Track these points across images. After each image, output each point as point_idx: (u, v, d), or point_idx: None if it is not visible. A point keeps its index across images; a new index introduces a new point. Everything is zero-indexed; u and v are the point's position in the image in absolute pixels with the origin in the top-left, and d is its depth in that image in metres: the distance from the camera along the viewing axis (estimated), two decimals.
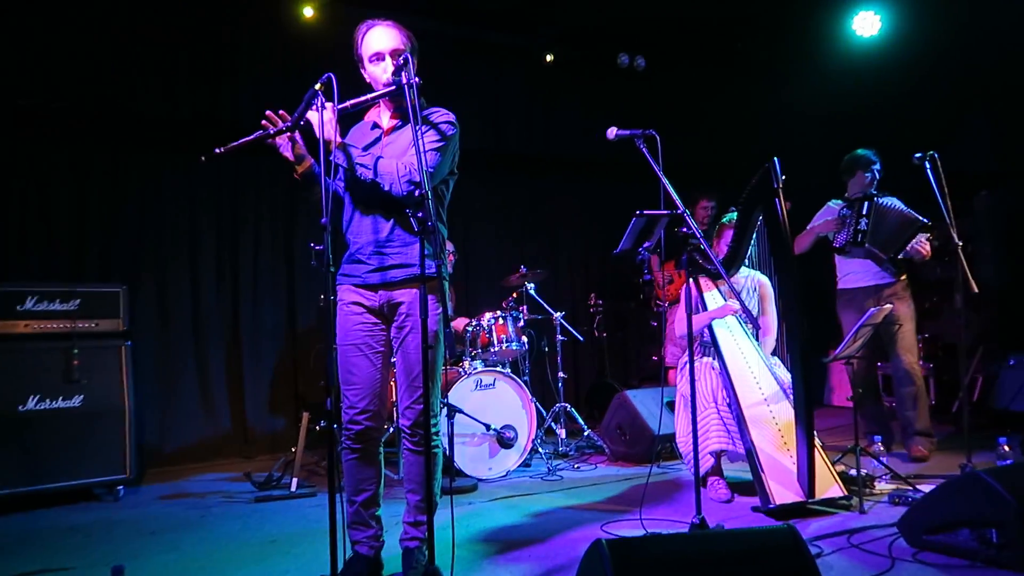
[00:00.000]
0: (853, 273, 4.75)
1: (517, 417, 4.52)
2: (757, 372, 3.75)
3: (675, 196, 2.91)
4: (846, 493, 3.39)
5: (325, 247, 2.23)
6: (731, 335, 3.89)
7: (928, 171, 4.16)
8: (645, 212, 2.93)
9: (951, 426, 5.45)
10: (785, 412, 3.58)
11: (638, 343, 7.00)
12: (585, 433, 5.13)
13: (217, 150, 2.47)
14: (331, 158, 2.52)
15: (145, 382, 5.17)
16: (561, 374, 5.18)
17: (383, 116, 2.72)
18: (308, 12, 5.24)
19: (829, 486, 3.40)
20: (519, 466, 4.54)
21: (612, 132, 3.13)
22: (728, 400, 3.69)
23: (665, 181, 2.93)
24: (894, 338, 4.55)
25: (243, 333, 5.52)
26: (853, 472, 3.55)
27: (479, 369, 4.48)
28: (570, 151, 6.48)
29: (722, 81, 6.85)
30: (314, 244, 2.25)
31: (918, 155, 4.28)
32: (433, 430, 2.64)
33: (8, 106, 4.65)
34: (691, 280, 4.10)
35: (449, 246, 5.51)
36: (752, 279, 4.10)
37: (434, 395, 2.64)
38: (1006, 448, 3.73)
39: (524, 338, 4.86)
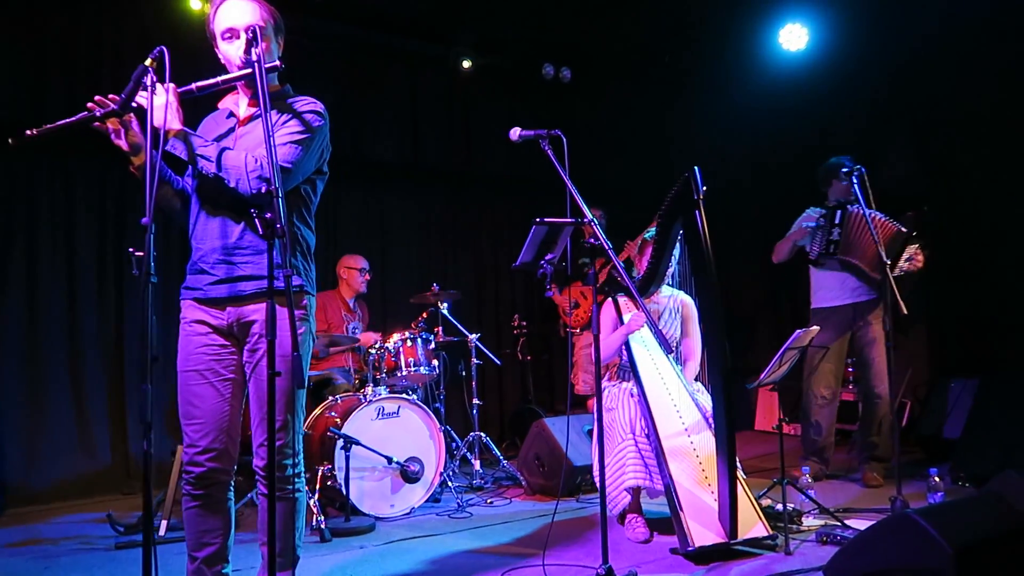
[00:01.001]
0: (827, 289, 4.50)
1: (424, 448, 4.13)
2: (678, 399, 3.46)
3: (582, 203, 2.60)
4: (771, 532, 3.10)
5: (146, 252, 1.83)
6: (650, 358, 3.59)
7: (855, 187, 3.98)
8: (546, 219, 2.61)
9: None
10: (707, 443, 3.28)
11: (564, 368, 6.69)
12: (502, 463, 4.76)
13: (28, 132, 2.06)
14: (168, 148, 2.12)
15: (10, 408, 4.63)
16: (476, 400, 4.81)
17: (240, 104, 2.34)
18: (196, 4, 4.80)
19: (753, 524, 3.11)
20: (426, 502, 4.14)
21: (515, 133, 2.83)
22: (647, 431, 3.38)
23: (571, 186, 2.63)
24: (869, 361, 4.33)
25: (127, 354, 5.00)
26: (779, 507, 3.28)
27: (382, 396, 4.08)
28: (492, 165, 6.17)
29: (648, 95, 6.65)
30: (133, 249, 1.82)
31: (844, 170, 4.11)
32: (293, 471, 2.26)
33: None
34: (612, 299, 3.88)
35: (362, 262, 5.13)
36: (675, 299, 3.83)
37: (294, 430, 2.25)
38: (936, 479, 3.52)
39: (435, 362, 4.48)
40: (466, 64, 5.76)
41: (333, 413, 4.12)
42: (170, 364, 2.23)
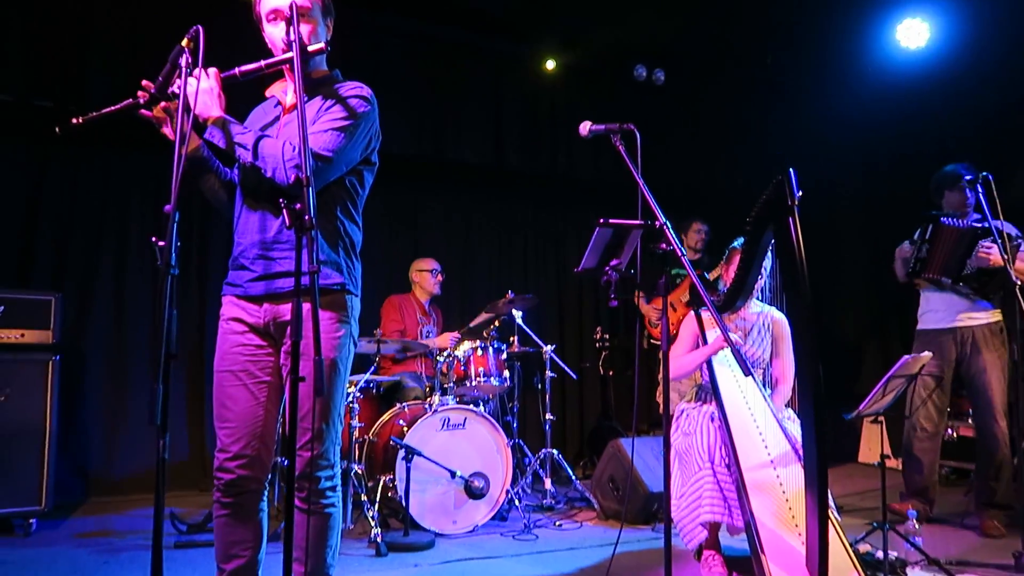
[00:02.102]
0: (933, 312, 4.08)
1: (490, 463, 3.93)
2: (764, 427, 3.11)
3: (655, 204, 2.34)
4: None
5: (168, 242, 1.71)
6: (735, 379, 3.26)
7: (981, 196, 3.52)
8: (611, 220, 2.36)
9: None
10: (795, 478, 2.92)
11: (649, 384, 6.36)
12: (574, 484, 4.50)
13: (74, 120, 2.00)
14: (206, 136, 2.02)
15: (92, 401, 4.74)
16: (549, 415, 4.57)
17: (288, 91, 2.21)
18: None
19: (846, 573, 2.73)
20: (491, 519, 3.94)
21: (585, 127, 2.60)
22: (727, 460, 3.06)
23: (643, 185, 2.37)
24: (979, 392, 3.86)
25: (208, 347, 5.04)
26: (879, 554, 2.90)
27: (449, 406, 3.91)
28: (579, 169, 5.92)
29: (749, 97, 6.24)
30: (156, 239, 1.70)
31: (969, 176, 3.66)
32: (328, 484, 2.10)
33: None
34: (694, 313, 3.58)
35: (433, 264, 5.00)
36: (765, 316, 3.49)
37: (330, 439, 2.09)
38: None
39: (506, 372, 4.28)
40: (552, 65, 5.54)
41: (401, 421, 3.98)
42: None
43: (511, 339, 4.66)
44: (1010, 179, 5.05)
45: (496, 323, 4.50)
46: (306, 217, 1.73)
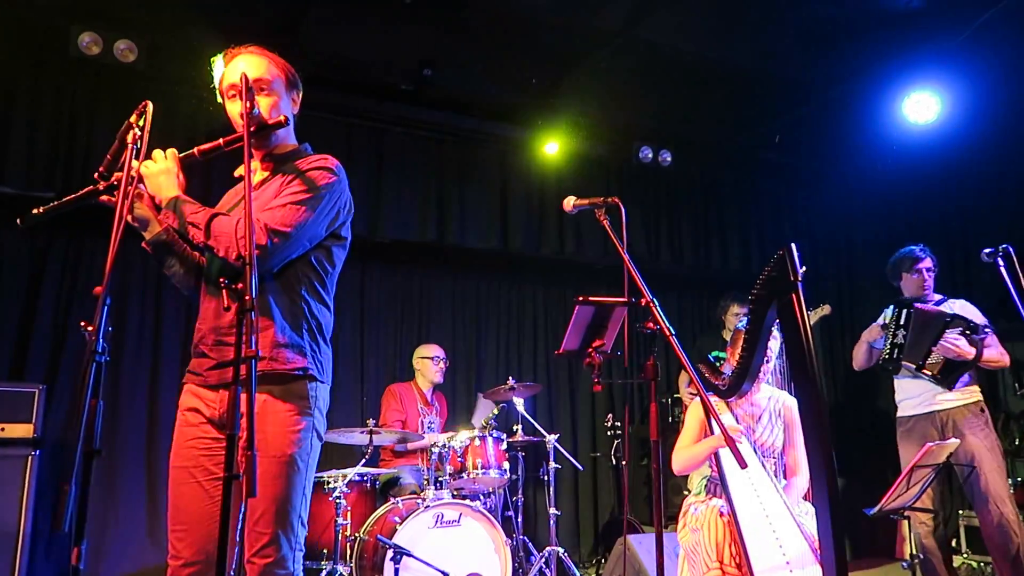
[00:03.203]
0: (909, 398, 3.94)
1: (488, 564, 3.66)
2: (778, 524, 2.84)
3: (640, 280, 2.19)
4: None
5: (96, 326, 1.59)
6: (745, 471, 3.01)
7: (1002, 268, 3.33)
8: (591, 298, 2.21)
9: None
10: None
11: (668, 475, 6.03)
12: None
13: (35, 211, 1.93)
14: (161, 216, 1.94)
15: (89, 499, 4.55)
16: (553, 510, 4.30)
17: (256, 169, 2.13)
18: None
19: None
20: None
21: (569, 203, 2.51)
22: (738, 559, 2.78)
23: (628, 260, 2.23)
24: (974, 481, 3.58)
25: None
26: None
27: (442, 501, 3.67)
28: (588, 252, 5.81)
29: (758, 177, 6.16)
30: (85, 323, 1.57)
31: (988, 250, 3.47)
32: None
33: None
34: (700, 400, 3.36)
35: (436, 351, 4.86)
36: (776, 401, 3.27)
37: (288, 546, 1.89)
38: None
39: (506, 464, 4.04)
40: (555, 149, 5.51)
41: (395, 518, 3.74)
42: None
43: (515, 428, 4.44)
44: None
45: (495, 411, 4.28)
46: (247, 297, 1.60)
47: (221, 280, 1.63)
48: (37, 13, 4.16)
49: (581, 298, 2.22)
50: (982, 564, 4.84)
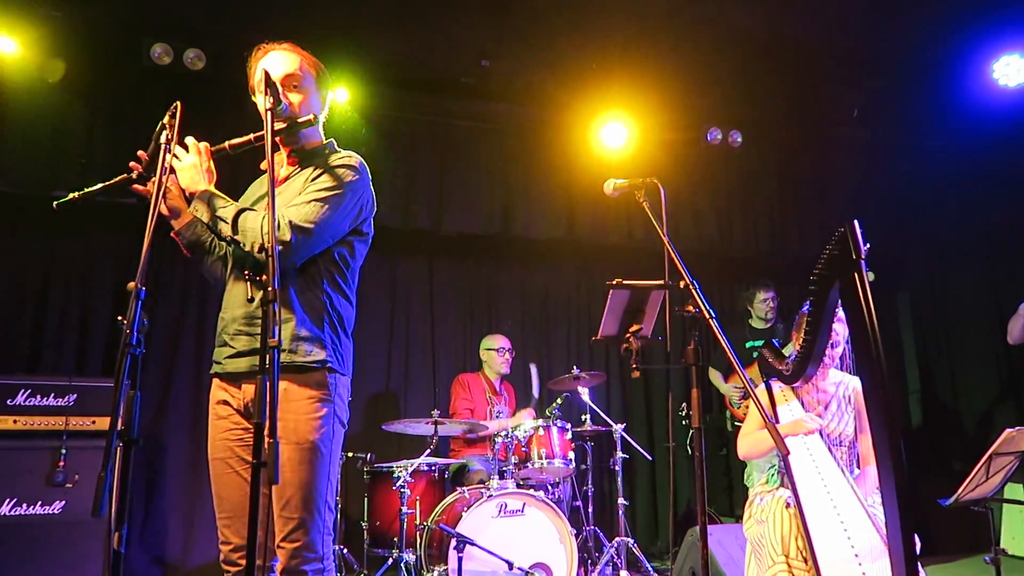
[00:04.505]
0: None
1: (552, 554, 3.64)
2: (847, 515, 2.70)
3: (680, 262, 2.11)
4: None
5: (130, 319, 1.65)
6: (812, 461, 2.87)
7: None
8: (625, 282, 2.14)
9: None
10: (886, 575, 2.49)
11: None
12: None
13: (73, 196, 2.02)
14: (191, 209, 2.00)
15: (171, 490, 4.80)
16: (622, 500, 4.23)
17: (283, 164, 2.17)
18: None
19: None
20: None
21: (609, 186, 2.42)
22: (805, 552, 2.66)
23: (668, 242, 2.15)
24: None
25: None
26: None
27: (506, 490, 3.67)
28: (653, 238, 5.66)
29: (835, 152, 5.85)
30: (122, 317, 1.64)
31: None
32: None
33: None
34: (765, 385, 3.23)
35: (502, 342, 4.86)
36: (846, 387, 3.11)
37: (316, 530, 1.92)
38: None
39: (571, 454, 4.00)
40: (620, 134, 5.39)
41: (461, 507, 3.77)
42: None
43: (583, 417, 4.40)
44: None
45: (559, 401, 4.24)
46: (269, 289, 1.63)
47: (246, 272, 1.66)
48: (112, 27, 4.39)
49: (616, 281, 2.15)
50: None
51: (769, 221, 5.91)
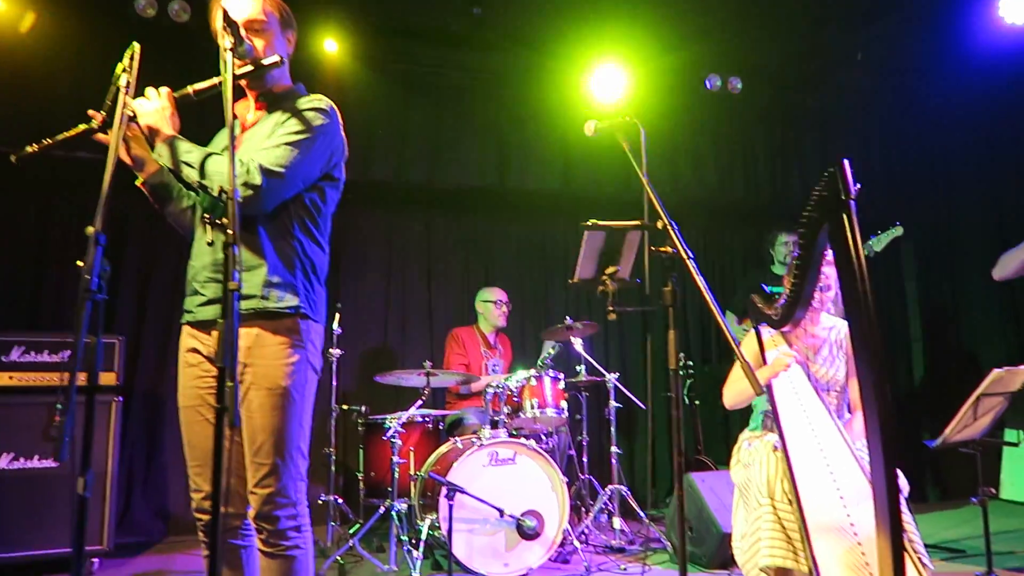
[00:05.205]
0: None
1: (544, 501, 3.66)
2: (833, 459, 2.69)
3: (659, 203, 2.06)
4: None
5: (88, 264, 1.63)
6: (799, 404, 2.86)
7: None
8: (600, 223, 2.10)
9: None
10: (872, 519, 2.48)
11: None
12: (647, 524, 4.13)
13: (29, 148, 1.98)
14: (155, 155, 1.96)
15: (172, 443, 4.85)
16: (615, 449, 4.24)
17: (250, 109, 2.12)
18: None
19: None
20: (549, 562, 3.65)
21: (590, 126, 2.36)
22: (791, 495, 2.65)
23: (647, 182, 2.10)
24: None
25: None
26: None
27: (498, 439, 3.68)
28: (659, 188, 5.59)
29: (835, 97, 5.72)
30: (81, 263, 1.62)
31: None
32: (290, 524, 1.93)
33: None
34: (754, 330, 3.20)
35: (499, 294, 4.84)
36: (838, 331, 3.07)
37: (288, 475, 1.92)
38: None
39: (563, 403, 4.00)
40: (616, 82, 5.26)
41: (454, 457, 3.79)
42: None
43: (577, 368, 4.39)
44: None
45: (552, 350, 4.23)
46: (229, 231, 1.60)
47: (205, 216, 1.63)
48: None
49: (591, 222, 2.11)
50: None
51: (771, 169, 5.82)
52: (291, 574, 1.92)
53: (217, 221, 1.75)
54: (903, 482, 2.77)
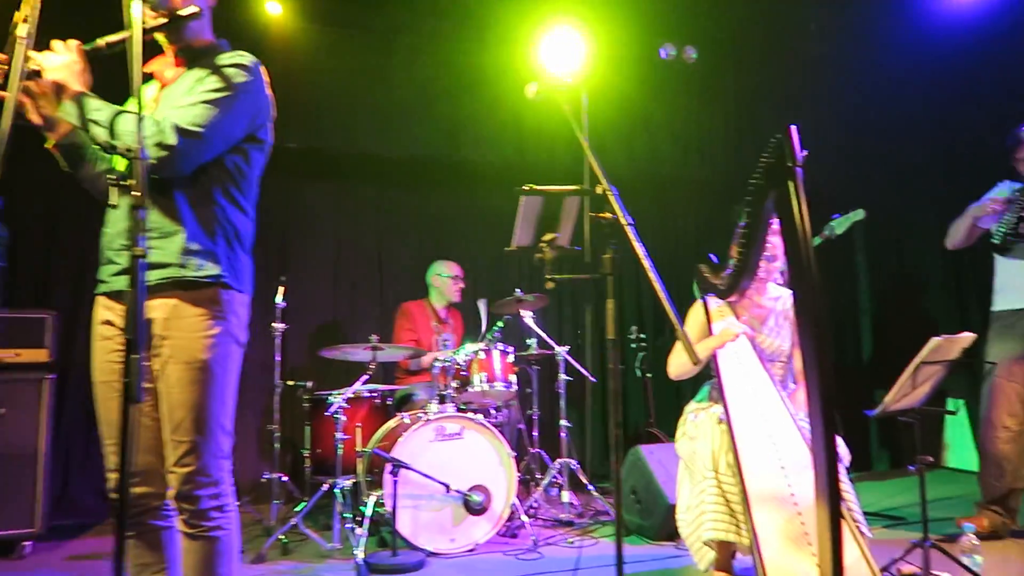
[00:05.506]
0: (1014, 289, 3.52)
1: (492, 476, 3.62)
2: (776, 429, 2.68)
3: (598, 166, 1.99)
4: None
5: None
6: (744, 374, 2.84)
7: None
8: (537, 187, 2.03)
9: None
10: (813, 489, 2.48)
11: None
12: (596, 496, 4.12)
13: None
14: (61, 113, 1.82)
15: None
16: (564, 422, 4.22)
17: (169, 65, 1.99)
18: None
19: None
20: (498, 536, 3.62)
21: (531, 88, 2.28)
22: (735, 467, 2.64)
23: (588, 146, 2.03)
24: None
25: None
26: None
27: (443, 414, 3.62)
28: (613, 158, 5.53)
29: (790, 69, 5.70)
30: None
31: None
32: (212, 504, 1.84)
33: None
34: (700, 301, 3.18)
35: (455, 269, 4.74)
36: (784, 301, 3.06)
37: (210, 452, 1.83)
38: None
39: (512, 377, 3.95)
40: (571, 52, 5.15)
41: (401, 432, 3.72)
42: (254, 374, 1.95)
43: (528, 341, 4.34)
44: None
45: (500, 324, 4.16)
46: (135, 193, 1.49)
47: (109, 177, 1.52)
48: None
49: (527, 187, 2.03)
50: None
51: (726, 142, 5.80)
52: (214, 556, 1.84)
53: (123, 183, 1.64)
54: (844, 451, 2.78)
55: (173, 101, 1.86)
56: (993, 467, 3.46)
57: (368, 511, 3.44)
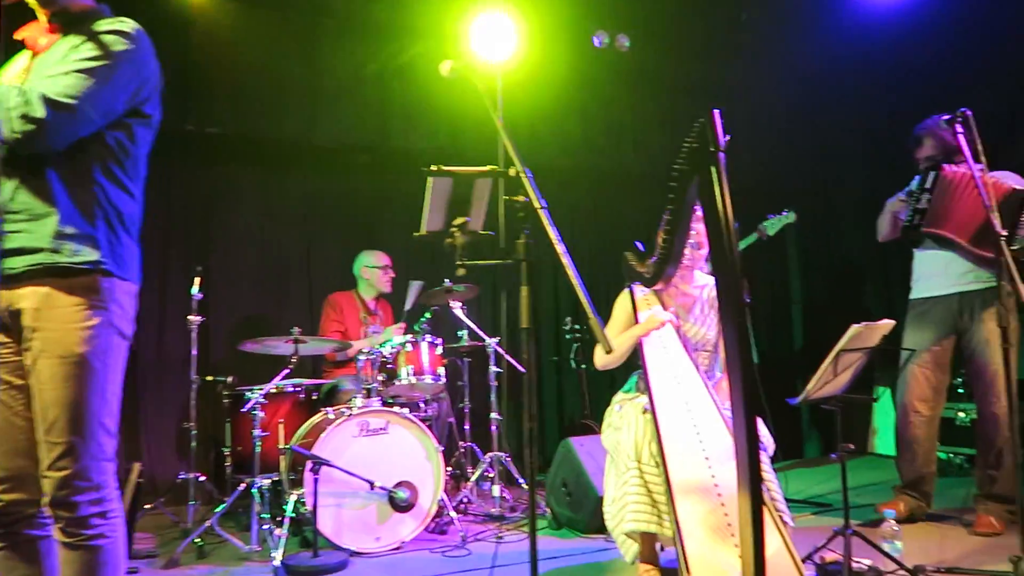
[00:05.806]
0: (928, 277, 3.58)
1: (418, 471, 3.51)
2: (701, 419, 2.65)
3: (513, 148, 1.90)
4: None
5: None
6: (669, 363, 2.80)
7: (960, 136, 3.00)
8: (446, 168, 1.93)
9: None
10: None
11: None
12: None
13: None
14: None
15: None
16: (495, 415, 4.14)
17: (43, 31, 1.83)
18: None
19: None
20: (425, 533, 3.53)
21: (445, 67, 2.18)
22: (659, 457, 2.60)
23: (502, 126, 1.94)
24: (980, 369, 3.36)
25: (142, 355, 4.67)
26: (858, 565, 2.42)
27: (368, 408, 3.50)
28: (545, 150, 5.46)
29: (722, 59, 5.72)
30: None
31: (946, 117, 3.13)
32: (93, 510, 1.69)
33: None
34: (627, 289, 3.13)
35: (385, 259, 4.60)
36: (711, 289, 3.03)
37: (90, 455, 1.69)
38: None
39: (440, 370, 3.85)
40: (502, 39, 5.05)
41: (326, 428, 3.59)
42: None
43: (459, 333, 4.25)
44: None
45: (428, 315, 4.06)
46: None
47: None
48: None
49: (435, 167, 1.93)
50: (951, 456, 4.72)
51: (660, 133, 5.79)
52: (96, 566, 1.69)
53: None
54: (768, 440, 2.77)
55: (45, 71, 1.70)
56: (907, 452, 3.53)
57: (289, 510, 3.30)
